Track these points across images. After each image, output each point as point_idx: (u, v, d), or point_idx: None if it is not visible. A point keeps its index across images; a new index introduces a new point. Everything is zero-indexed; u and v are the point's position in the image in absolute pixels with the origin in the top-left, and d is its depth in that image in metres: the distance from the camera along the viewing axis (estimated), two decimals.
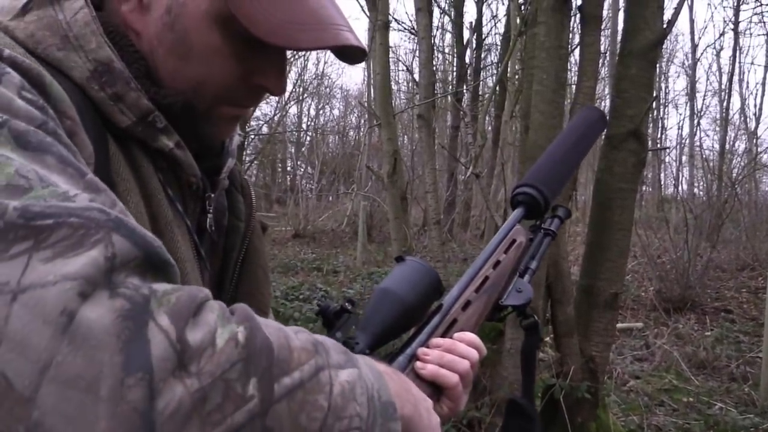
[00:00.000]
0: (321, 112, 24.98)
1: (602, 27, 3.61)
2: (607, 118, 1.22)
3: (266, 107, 18.78)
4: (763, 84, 25.43)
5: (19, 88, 0.55)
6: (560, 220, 1.01)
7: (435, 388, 0.80)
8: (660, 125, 20.73)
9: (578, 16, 3.29)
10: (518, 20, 4.67)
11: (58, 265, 0.44)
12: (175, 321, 0.46)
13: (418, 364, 0.80)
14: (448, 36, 16.71)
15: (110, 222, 0.48)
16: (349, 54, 0.74)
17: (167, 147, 0.70)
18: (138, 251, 0.48)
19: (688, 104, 19.63)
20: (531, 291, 0.91)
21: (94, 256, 0.45)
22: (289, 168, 24.47)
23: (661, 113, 20.53)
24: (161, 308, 0.46)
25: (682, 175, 18.53)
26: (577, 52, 3.91)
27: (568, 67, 4.05)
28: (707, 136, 26.37)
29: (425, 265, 0.86)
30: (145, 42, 0.70)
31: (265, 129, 18.58)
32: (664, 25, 3.10)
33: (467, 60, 14.55)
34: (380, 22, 4.43)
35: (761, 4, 15.03)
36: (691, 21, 21.88)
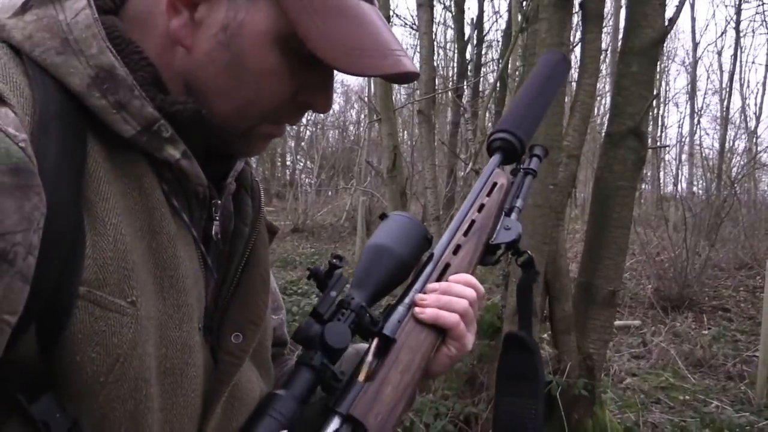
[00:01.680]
0: None
1: (604, 24, 3.60)
2: (571, 65, 1.25)
3: None
4: (764, 83, 25.46)
5: None
6: (539, 159, 1.02)
7: (437, 331, 0.81)
8: (660, 123, 20.73)
9: (580, 13, 3.29)
10: (519, 16, 4.66)
11: None
12: None
13: (417, 309, 0.81)
14: (450, 32, 16.69)
15: None
16: (403, 78, 0.72)
17: (173, 158, 0.67)
18: None
19: (689, 102, 19.64)
20: (519, 227, 0.93)
21: None
22: (288, 162, 24.46)
23: (662, 111, 20.52)
24: None
25: (682, 174, 18.55)
26: (578, 49, 3.91)
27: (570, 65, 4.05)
28: (707, 134, 26.43)
29: (411, 219, 0.87)
30: (195, 59, 0.67)
31: None
32: (666, 23, 3.10)
33: (468, 56, 14.53)
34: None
35: (763, 4, 15.01)
36: (693, 19, 21.89)
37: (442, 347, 0.83)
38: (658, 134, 20.38)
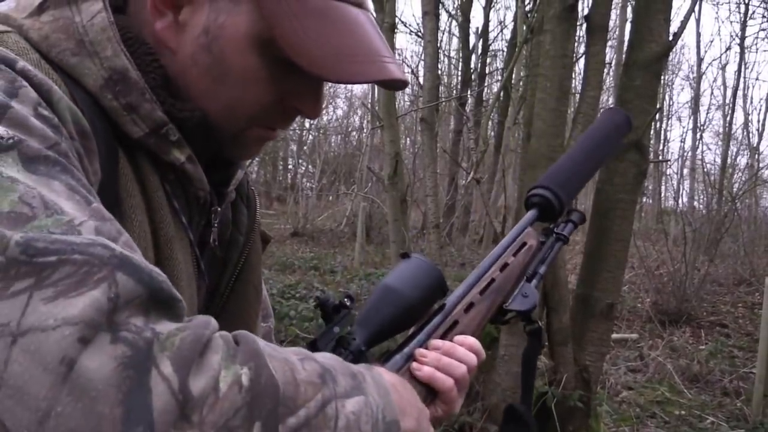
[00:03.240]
0: (324, 111, 25.01)
1: (608, 37, 3.61)
2: (632, 125, 1.20)
3: None
4: (767, 100, 25.47)
5: (36, 104, 0.53)
6: (574, 225, 0.98)
7: (430, 391, 0.79)
8: (662, 137, 20.75)
9: (584, 25, 3.30)
10: (524, 27, 4.67)
11: (59, 305, 0.43)
12: (178, 368, 0.45)
13: (415, 365, 0.79)
14: (455, 40, 16.73)
15: (114, 259, 0.46)
16: (391, 84, 0.71)
17: (178, 161, 0.68)
18: (142, 289, 0.47)
19: (692, 117, 19.66)
20: (537, 296, 0.89)
21: (96, 296, 0.44)
22: (290, 166, 24.46)
23: (664, 125, 20.55)
24: (164, 353, 0.45)
25: (683, 188, 18.55)
26: (582, 61, 3.92)
27: (573, 76, 4.05)
28: (709, 149, 26.42)
29: (430, 263, 0.84)
30: (179, 60, 0.67)
31: None
32: (670, 38, 3.11)
33: (472, 65, 14.56)
34: (387, 24, 4.44)
35: None
36: (698, 34, 21.95)
37: (429, 406, 0.80)
38: (660, 148, 20.40)
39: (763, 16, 15.50)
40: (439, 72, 9.44)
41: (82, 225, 0.48)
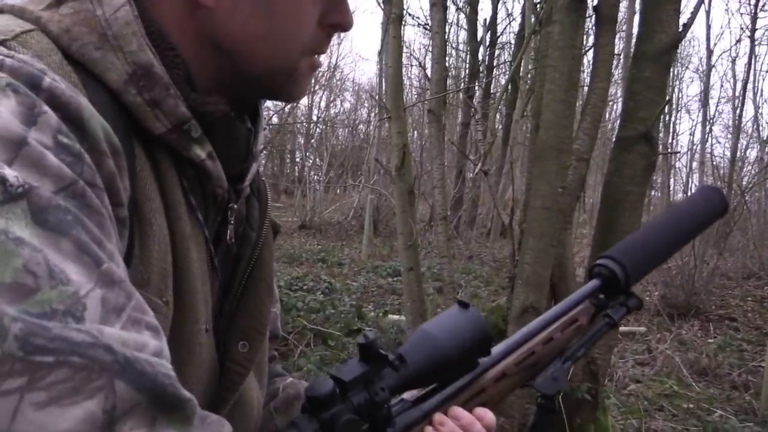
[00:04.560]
0: (332, 104, 24.98)
1: (617, 28, 3.59)
2: (728, 208, 1.10)
3: None
4: None
5: (56, 131, 0.51)
6: (627, 311, 0.90)
7: None
8: (672, 130, 20.62)
9: (593, 16, 3.28)
10: (533, 18, 4.65)
11: (51, 415, 0.41)
12: None
13: (430, 430, 0.75)
14: (463, 33, 16.66)
15: (116, 365, 0.44)
16: None
17: (199, 158, 0.66)
18: (142, 396, 0.45)
19: (701, 110, 19.53)
20: (565, 384, 0.84)
21: (91, 408, 0.42)
22: (297, 159, 24.48)
23: (674, 118, 20.43)
24: None
25: (692, 181, 18.43)
26: (590, 53, 3.89)
27: (582, 69, 4.02)
28: (719, 143, 26.20)
29: (480, 318, 0.78)
30: (219, 14, 0.66)
31: (275, 119, 18.60)
32: (680, 29, 3.08)
33: (480, 57, 14.50)
34: (394, 15, 4.42)
35: None
36: (708, 26, 21.72)
37: None
38: (670, 141, 20.28)
39: None
40: (447, 64, 9.40)
41: (88, 296, 0.46)
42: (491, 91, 13.43)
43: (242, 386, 0.75)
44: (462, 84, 14.04)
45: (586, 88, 3.57)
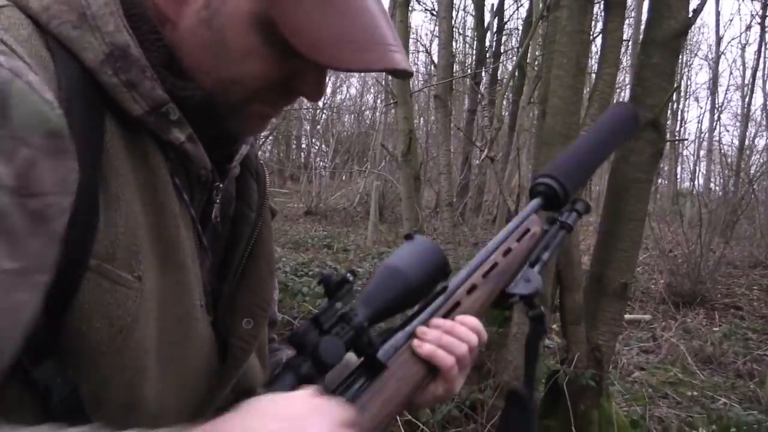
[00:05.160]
0: (338, 90, 24.91)
1: (626, 14, 3.55)
2: (640, 122, 1.22)
3: None
4: None
5: None
6: (578, 214, 0.99)
7: (430, 368, 0.80)
8: (680, 118, 20.51)
9: (602, 1, 3.25)
10: (540, 3, 4.61)
11: None
12: None
13: (416, 342, 0.80)
14: (470, 18, 16.55)
15: None
16: (394, 74, 0.70)
17: (178, 140, 0.67)
18: None
19: (710, 98, 19.38)
20: (540, 282, 0.90)
21: None
22: (303, 145, 24.44)
23: (682, 106, 20.30)
24: None
25: (699, 170, 18.34)
26: (598, 40, 3.86)
27: (590, 55, 3.99)
28: (727, 131, 26.12)
29: (433, 246, 0.84)
30: (179, 33, 0.66)
31: None
32: (689, 15, 3.05)
33: (487, 43, 14.42)
34: (401, 0, 4.40)
35: None
36: (717, 13, 21.57)
37: (430, 384, 0.81)
38: (677, 129, 20.16)
39: None
40: (454, 50, 9.35)
41: None
42: (498, 77, 13.37)
43: (247, 363, 0.75)
44: (469, 70, 13.98)
45: (593, 75, 3.54)
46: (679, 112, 20.12)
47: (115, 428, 0.57)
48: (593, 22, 3.83)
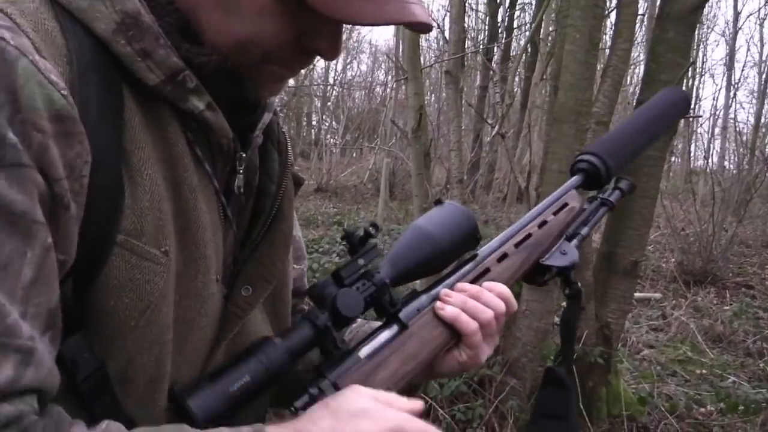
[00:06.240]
0: (348, 66, 24.79)
1: None
2: (690, 105, 1.22)
3: None
4: None
5: None
6: (621, 193, 0.97)
7: (453, 333, 0.78)
8: (695, 95, 20.25)
9: None
10: None
11: None
12: None
13: (438, 304, 0.78)
14: None
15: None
16: (412, 27, 0.67)
17: (197, 109, 0.65)
18: None
19: (726, 75, 19.11)
20: (576, 255, 0.88)
21: None
22: (314, 122, 24.38)
23: (697, 82, 20.03)
24: None
25: (713, 148, 18.14)
26: (613, 14, 3.80)
27: (604, 30, 3.93)
28: (743, 108, 25.76)
29: (465, 211, 0.83)
30: None
31: (291, 82, 18.48)
32: None
33: (500, 18, 14.25)
34: None
35: None
36: None
37: (453, 350, 0.80)
38: (692, 106, 19.91)
39: None
40: (465, 26, 9.24)
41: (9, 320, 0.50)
42: (510, 53, 13.22)
43: (238, 327, 0.75)
44: (481, 45, 13.83)
45: (607, 51, 3.49)
46: (695, 89, 19.86)
47: (143, 404, 0.59)
48: None
